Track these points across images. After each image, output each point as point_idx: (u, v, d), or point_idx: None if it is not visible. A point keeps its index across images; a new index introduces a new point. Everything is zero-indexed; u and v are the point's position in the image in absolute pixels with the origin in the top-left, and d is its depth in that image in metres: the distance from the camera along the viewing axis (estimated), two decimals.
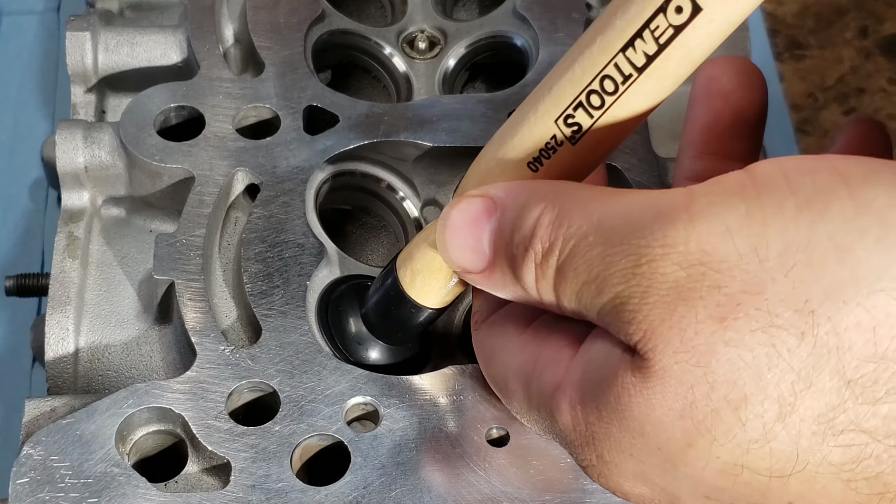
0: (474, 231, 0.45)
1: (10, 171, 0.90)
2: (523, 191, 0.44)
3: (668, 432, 0.39)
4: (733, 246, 0.37)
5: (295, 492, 0.52)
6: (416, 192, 0.68)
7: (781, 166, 0.38)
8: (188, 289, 0.58)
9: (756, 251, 0.37)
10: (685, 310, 0.37)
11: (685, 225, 0.38)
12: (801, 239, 0.36)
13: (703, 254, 0.37)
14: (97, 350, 0.61)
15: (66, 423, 0.53)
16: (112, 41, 0.71)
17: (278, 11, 0.70)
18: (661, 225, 0.38)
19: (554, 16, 0.71)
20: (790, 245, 0.36)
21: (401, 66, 0.72)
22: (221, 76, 0.67)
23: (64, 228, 0.65)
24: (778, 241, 0.37)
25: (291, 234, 0.60)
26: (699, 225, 0.38)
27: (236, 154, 0.63)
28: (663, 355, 0.38)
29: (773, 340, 0.36)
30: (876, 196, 0.36)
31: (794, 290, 0.36)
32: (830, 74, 1.07)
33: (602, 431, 0.41)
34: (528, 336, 0.48)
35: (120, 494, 0.52)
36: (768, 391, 0.37)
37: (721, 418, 0.38)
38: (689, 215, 0.38)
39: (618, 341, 0.41)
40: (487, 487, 0.53)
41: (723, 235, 0.37)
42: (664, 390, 0.38)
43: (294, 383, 0.55)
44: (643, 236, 0.38)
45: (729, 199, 0.38)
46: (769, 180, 0.38)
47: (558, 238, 0.41)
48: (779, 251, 0.36)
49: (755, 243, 0.37)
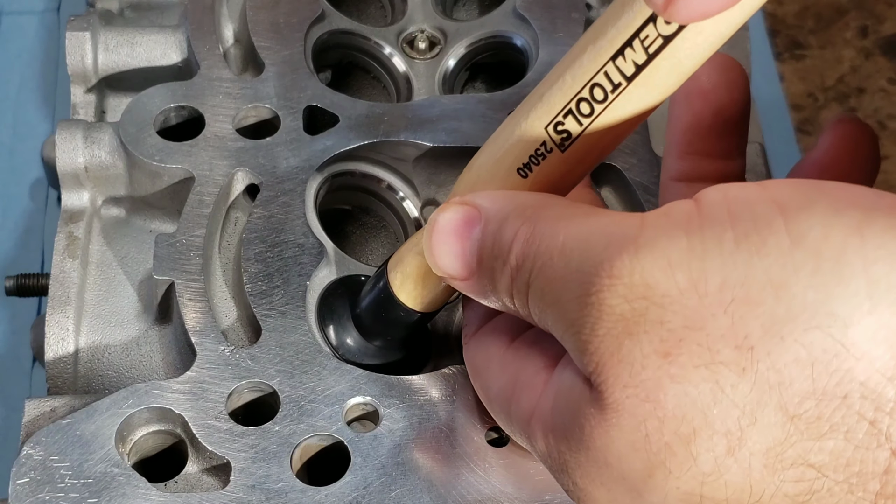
0: (459, 239, 0.46)
1: (10, 171, 0.90)
2: (507, 203, 0.45)
3: (628, 463, 0.39)
4: (674, 280, 0.37)
5: (295, 492, 0.52)
6: (415, 192, 0.68)
7: (725, 195, 0.39)
8: (188, 289, 0.58)
9: (696, 286, 0.37)
10: (631, 344, 0.38)
11: (630, 257, 0.38)
12: (738, 274, 0.37)
13: (647, 287, 0.38)
14: (97, 350, 0.61)
15: (66, 424, 0.53)
16: (112, 41, 0.71)
17: (278, 11, 0.70)
18: (609, 255, 0.39)
19: (554, 16, 0.71)
20: (728, 281, 0.37)
21: (401, 66, 0.72)
22: (221, 76, 0.67)
23: (64, 228, 0.65)
24: (717, 276, 0.37)
25: (291, 234, 0.60)
26: (643, 258, 0.38)
27: (236, 154, 0.63)
28: (614, 389, 0.39)
29: (716, 377, 0.37)
30: (811, 227, 0.36)
31: (734, 326, 0.36)
32: (830, 74, 1.08)
33: (573, 461, 0.42)
34: (510, 355, 0.48)
35: (120, 494, 0.52)
36: (715, 426, 0.37)
37: (674, 452, 0.38)
38: (635, 247, 0.38)
39: (579, 371, 0.41)
40: (487, 488, 0.53)
41: (665, 269, 0.37)
42: (619, 423, 0.39)
43: (294, 383, 0.55)
44: (593, 265, 0.39)
45: (673, 231, 0.38)
46: (712, 211, 0.38)
47: (529, 255, 0.42)
48: (717, 287, 0.37)
49: (695, 278, 0.37)
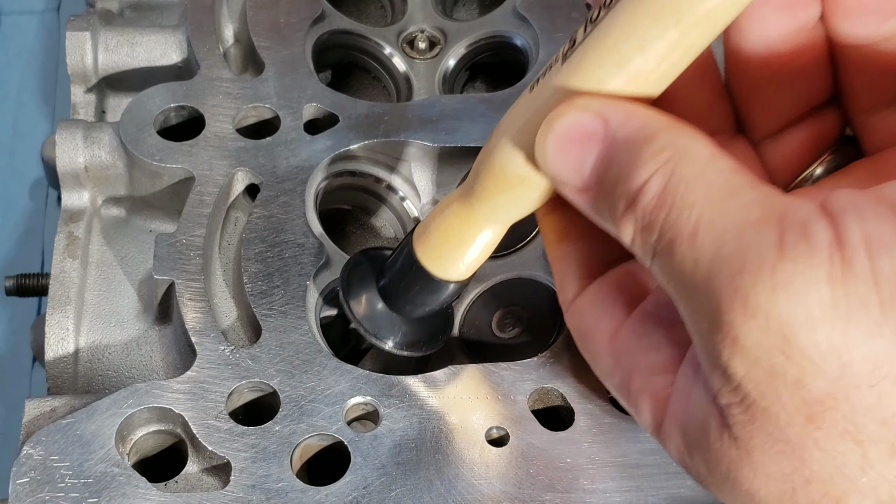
0: (578, 149, 0.42)
1: (11, 171, 0.90)
2: (640, 128, 0.41)
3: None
4: (815, 339, 0.35)
5: (295, 492, 0.52)
6: (416, 192, 0.68)
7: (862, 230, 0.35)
8: (188, 289, 0.58)
9: (839, 353, 0.35)
10: (774, 396, 0.36)
11: (767, 295, 0.35)
12: (886, 350, 0.35)
13: (783, 338, 0.35)
14: (97, 350, 0.61)
15: (66, 423, 0.53)
16: (112, 41, 0.71)
17: (278, 11, 0.70)
18: (743, 285, 0.36)
19: (554, 16, 0.71)
20: (875, 355, 0.35)
21: (401, 66, 0.72)
22: (221, 76, 0.67)
23: (64, 228, 0.65)
24: (862, 346, 0.35)
25: (291, 234, 0.60)
26: (781, 301, 0.35)
27: (236, 154, 0.63)
28: (759, 435, 0.37)
29: (864, 451, 0.36)
30: None
31: (881, 402, 0.35)
32: None
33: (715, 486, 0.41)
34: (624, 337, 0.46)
35: (120, 494, 0.52)
36: (865, 493, 0.37)
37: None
38: (772, 284, 0.35)
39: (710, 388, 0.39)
40: (487, 487, 0.53)
41: (805, 323, 0.35)
42: (766, 471, 0.38)
43: (294, 383, 0.55)
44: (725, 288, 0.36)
45: (815, 273, 0.35)
46: (854, 255, 0.35)
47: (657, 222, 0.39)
48: (863, 358, 0.35)
49: (838, 343, 0.35)
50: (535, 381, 0.56)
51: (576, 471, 0.53)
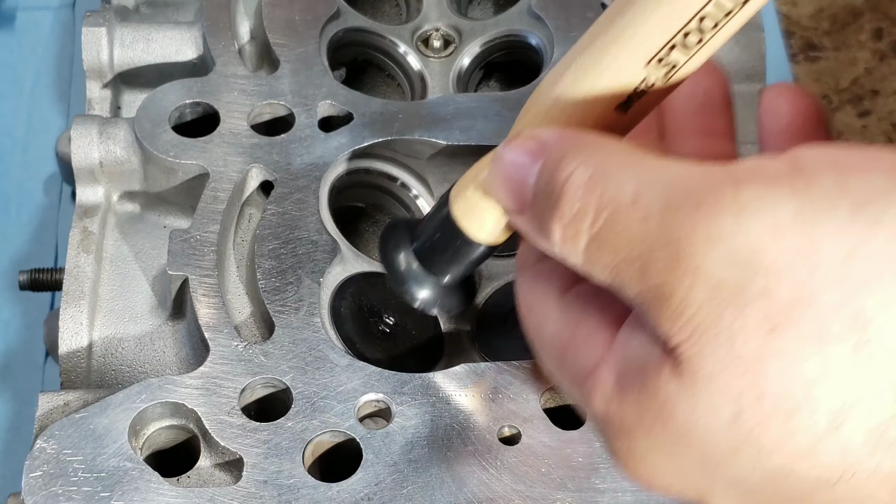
0: (519, 172, 0.43)
1: (25, 167, 0.90)
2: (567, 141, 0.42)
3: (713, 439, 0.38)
4: (783, 248, 0.35)
5: (307, 488, 0.52)
6: (429, 190, 0.68)
7: (831, 159, 0.36)
8: (202, 284, 0.58)
9: (807, 256, 0.35)
10: (733, 316, 0.36)
11: (732, 218, 0.36)
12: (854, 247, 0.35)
13: (752, 253, 0.36)
14: (111, 345, 0.61)
15: (79, 418, 0.53)
16: (128, 37, 0.71)
17: (294, 9, 0.70)
18: (705, 214, 0.36)
19: (569, 15, 0.71)
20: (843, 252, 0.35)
21: (415, 65, 0.72)
22: (236, 73, 0.67)
23: (78, 223, 0.65)
24: (830, 246, 0.35)
25: (305, 231, 0.60)
26: (746, 219, 0.36)
27: (251, 150, 0.63)
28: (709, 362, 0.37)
29: (826, 353, 0.35)
30: None
31: (848, 300, 0.35)
32: (845, 76, 1.07)
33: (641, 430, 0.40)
34: (568, 302, 0.46)
35: (132, 489, 0.52)
36: (818, 403, 0.36)
37: (769, 429, 0.37)
38: (736, 207, 0.36)
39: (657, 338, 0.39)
40: (499, 485, 0.53)
41: (772, 234, 0.35)
42: (711, 399, 0.37)
43: (307, 380, 0.55)
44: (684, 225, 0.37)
45: (778, 191, 0.36)
46: (818, 174, 0.36)
47: (590, 204, 0.39)
48: (831, 258, 0.35)
49: (806, 247, 0.35)
50: (547, 380, 0.56)
51: (587, 470, 0.53)
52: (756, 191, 0.36)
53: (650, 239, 0.38)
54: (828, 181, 0.36)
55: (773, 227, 0.35)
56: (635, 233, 0.38)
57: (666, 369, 0.39)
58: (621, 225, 0.39)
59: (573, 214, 0.40)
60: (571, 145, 0.42)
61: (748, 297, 0.36)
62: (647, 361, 0.40)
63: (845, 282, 0.35)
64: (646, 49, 0.42)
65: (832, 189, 0.35)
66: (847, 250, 0.35)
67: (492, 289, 0.64)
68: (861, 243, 0.35)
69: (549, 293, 0.47)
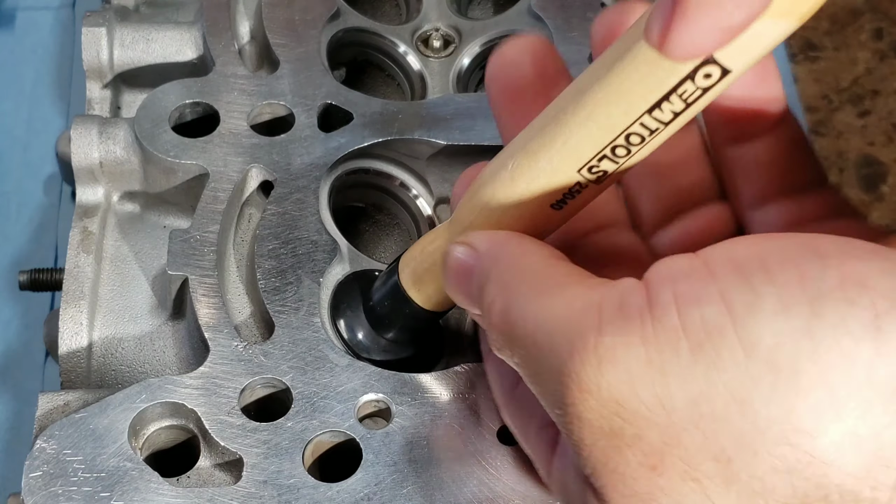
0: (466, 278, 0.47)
1: (25, 167, 0.90)
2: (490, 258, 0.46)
3: None
4: (640, 399, 0.37)
5: (307, 488, 0.52)
6: (429, 190, 0.68)
7: (673, 289, 0.38)
8: (202, 284, 0.58)
9: (662, 403, 0.37)
10: (618, 458, 0.39)
11: (594, 371, 0.38)
12: (700, 391, 0.37)
13: (616, 404, 0.38)
14: (111, 345, 0.62)
15: (79, 418, 0.53)
16: (128, 37, 0.71)
17: (293, 9, 0.70)
18: (574, 367, 0.39)
19: (569, 15, 0.71)
20: (692, 397, 0.37)
21: (415, 65, 0.72)
22: (236, 73, 0.67)
23: (78, 223, 0.65)
24: (679, 392, 0.37)
25: (305, 231, 0.60)
26: (606, 372, 0.38)
27: (251, 151, 0.63)
28: (614, 497, 0.40)
29: (703, 488, 0.37)
30: (761, 336, 0.36)
31: (707, 441, 0.37)
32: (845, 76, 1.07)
33: None
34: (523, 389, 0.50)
35: (132, 489, 0.52)
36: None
37: None
38: (597, 360, 0.38)
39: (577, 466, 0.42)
40: (499, 485, 0.53)
41: (629, 385, 0.38)
42: None
43: (306, 380, 0.55)
44: (562, 373, 0.39)
45: (629, 337, 0.38)
46: (663, 310, 0.38)
47: (506, 341, 0.43)
48: (683, 403, 0.37)
49: (660, 395, 0.37)
50: None
51: None
52: (612, 340, 0.38)
53: (545, 377, 0.41)
54: (671, 321, 0.37)
55: (628, 378, 0.38)
56: (535, 369, 0.42)
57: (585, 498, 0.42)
58: (528, 357, 0.42)
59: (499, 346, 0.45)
60: (493, 264, 0.45)
61: (624, 441, 0.38)
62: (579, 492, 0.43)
63: (700, 425, 0.37)
64: (576, 159, 0.43)
65: (675, 331, 0.37)
66: (694, 395, 0.37)
67: None
68: (705, 388, 0.36)
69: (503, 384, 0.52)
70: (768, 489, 0.36)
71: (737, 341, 0.36)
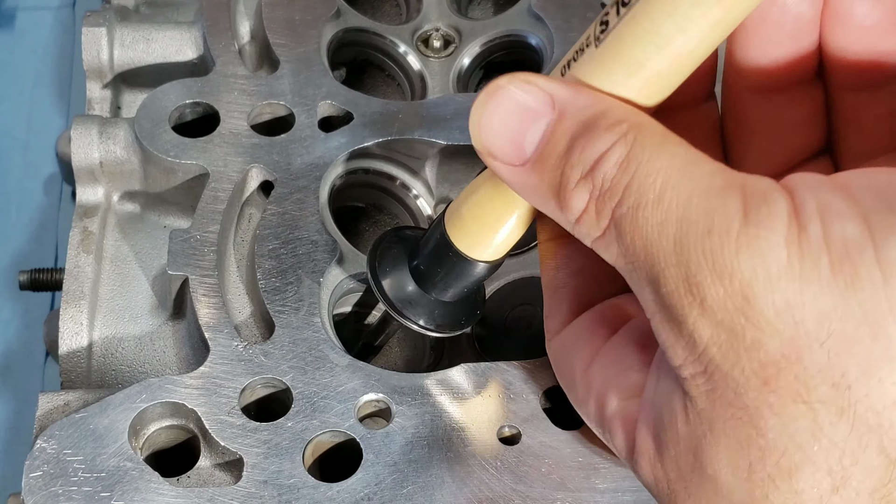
0: (520, 122, 0.42)
1: (25, 167, 0.90)
2: (593, 105, 0.41)
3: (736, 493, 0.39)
4: (770, 300, 0.36)
5: (307, 488, 0.52)
6: (429, 190, 0.68)
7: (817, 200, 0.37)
8: (202, 284, 0.58)
9: (792, 311, 0.36)
10: (733, 361, 0.37)
11: (732, 256, 0.36)
12: (834, 307, 0.35)
13: (743, 299, 0.36)
14: (111, 345, 0.62)
15: (79, 418, 0.53)
16: (128, 37, 0.71)
17: (294, 9, 0.70)
18: (710, 245, 0.37)
19: (569, 15, 0.71)
20: (824, 312, 0.35)
21: (415, 65, 0.72)
22: (236, 73, 0.67)
23: (78, 223, 0.65)
24: (813, 304, 0.36)
25: (305, 231, 0.60)
26: (743, 262, 0.36)
27: (251, 150, 0.63)
28: (719, 405, 0.38)
29: (815, 414, 0.36)
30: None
31: (830, 362, 0.35)
32: None
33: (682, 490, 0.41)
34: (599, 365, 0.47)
35: (132, 489, 0.52)
36: (818, 463, 0.36)
37: (777, 486, 0.37)
38: (737, 246, 0.36)
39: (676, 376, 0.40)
40: (499, 486, 0.53)
41: (764, 283, 0.36)
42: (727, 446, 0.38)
43: (307, 380, 0.55)
44: (695, 249, 0.37)
45: (774, 237, 0.36)
46: (807, 221, 0.36)
47: (619, 186, 0.39)
48: (813, 316, 0.36)
49: (791, 301, 0.36)
50: (547, 380, 0.56)
51: (587, 470, 0.53)
52: (756, 230, 0.36)
53: (664, 250, 0.38)
54: (815, 231, 0.36)
55: (765, 274, 0.36)
56: (651, 236, 0.38)
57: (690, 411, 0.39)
58: (640, 222, 0.39)
59: (602, 192, 0.40)
60: (601, 113, 0.41)
61: (743, 345, 0.37)
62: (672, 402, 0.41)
63: (825, 343, 0.35)
64: None
65: (818, 243, 0.36)
66: (826, 310, 0.36)
67: (492, 289, 0.64)
68: (840, 304, 0.35)
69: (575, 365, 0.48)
70: (885, 424, 0.35)
71: (875, 263, 0.35)
